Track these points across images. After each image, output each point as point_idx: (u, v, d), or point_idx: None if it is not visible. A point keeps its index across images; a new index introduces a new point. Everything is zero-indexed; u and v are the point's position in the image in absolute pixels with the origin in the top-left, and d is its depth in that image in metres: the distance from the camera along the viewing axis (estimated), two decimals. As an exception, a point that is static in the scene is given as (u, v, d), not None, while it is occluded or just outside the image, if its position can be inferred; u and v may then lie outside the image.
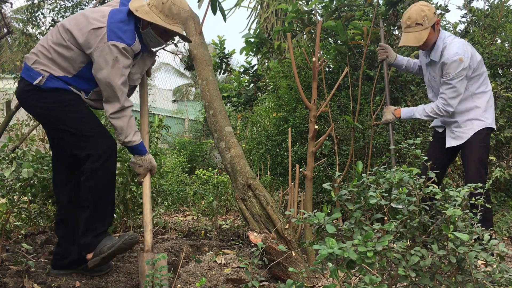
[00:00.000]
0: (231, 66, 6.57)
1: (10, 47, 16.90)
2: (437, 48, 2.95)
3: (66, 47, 2.27)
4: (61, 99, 2.27)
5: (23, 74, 2.32)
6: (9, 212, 2.62)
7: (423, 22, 2.86)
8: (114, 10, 2.32)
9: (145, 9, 2.31)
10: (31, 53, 2.33)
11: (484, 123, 2.96)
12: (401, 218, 1.75)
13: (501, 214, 4.41)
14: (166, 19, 2.31)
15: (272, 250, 2.47)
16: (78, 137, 2.29)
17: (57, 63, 2.28)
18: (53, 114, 2.29)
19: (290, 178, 3.03)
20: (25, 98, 2.33)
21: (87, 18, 2.28)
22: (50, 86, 2.25)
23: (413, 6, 2.91)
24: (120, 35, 2.23)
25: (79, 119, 2.29)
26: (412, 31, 2.90)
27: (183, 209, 5.16)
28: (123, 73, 2.26)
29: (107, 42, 2.20)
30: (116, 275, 2.52)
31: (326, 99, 3.04)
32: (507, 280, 1.61)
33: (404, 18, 2.94)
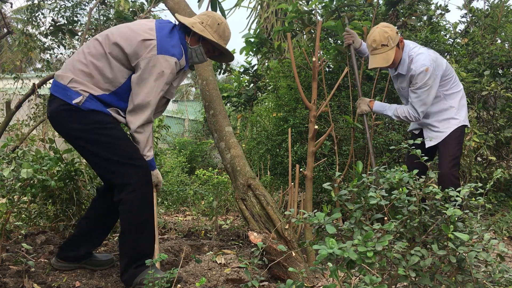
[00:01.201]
0: (231, 66, 6.57)
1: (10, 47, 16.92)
2: (403, 62, 3.06)
3: (107, 59, 2.21)
4: (98, 120, 2.21)
5: (56, 93, 2.22)
6: (9, 212, 2.62)
7: (388, 42, 2.96)
8: (160, 24, 2.31)
9: (199, 26, 2.37)
10: (66, 69, 2.24)
11: (459, 121, 3.13)
12: (401, 218, 1.75)
13: (501, 214, 4.41)
14: (219, 38, 2.41)
15: (272, 250, 2.47)
16: (112, 162, 2.22)
17: (96, 79, 2.22)
18: (88, 137, 2.21)
19: (290, 178, 3.03)
20: (61, 118, 2.22)
21: (133, 30, 2.25)
22: (88, 107, 2.18)
23: (376, 29, 3.00)
24: (170, 49, 2.23)
25: (114, 144, 2.23)
26: (379, 53, 2.99)
27: (183, 209, 5.16)
28: (163, 89, 2.24)
29: (157, 55, 2.19)
30: (116, 275, 2.52)
31: (326, 99, 3.04)
32: (507, 280, 1.61)
33: (369, 42, 3.02)
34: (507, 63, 4.67)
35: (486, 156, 4.83)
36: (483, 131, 4.64)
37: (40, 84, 4.64)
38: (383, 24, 3.05)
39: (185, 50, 2.36)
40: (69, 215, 3.14)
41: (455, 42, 5.39)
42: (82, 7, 5.49)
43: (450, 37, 5.48)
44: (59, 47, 5.64)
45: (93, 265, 2.55)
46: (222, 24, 2.41)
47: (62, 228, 3.13)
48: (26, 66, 17.60)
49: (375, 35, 2.98)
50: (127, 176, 2.21)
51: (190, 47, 2.40)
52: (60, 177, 3.05)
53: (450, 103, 3.12)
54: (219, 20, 2.41)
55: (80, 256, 2.49)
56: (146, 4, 4.95)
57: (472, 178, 4.53)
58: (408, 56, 3.03)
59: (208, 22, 2.39)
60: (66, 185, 3.11)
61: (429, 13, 5.08)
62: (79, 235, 2.49)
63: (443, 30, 5.33)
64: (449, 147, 3.07)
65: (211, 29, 2.38)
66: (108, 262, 2.59)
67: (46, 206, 3.26)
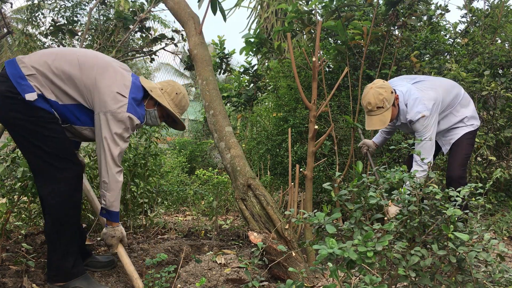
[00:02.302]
0: (231, 66, 6.57)
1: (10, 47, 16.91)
2: (402, 112, 3.02)
3: (74, 81, 2.21)
4: (42, 115, 2.17)
5: (11, 76, 2.14)
6: (9, 212, 2.62)
7: (383, 104, 2.91)
8: (134, 86, 2.37)
9: (157, 92, 2.48)
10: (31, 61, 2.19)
11: (474, 125, 3.13)
12: (401, 218, 1.75)
13: (501, 214, 4.41)
14: (174, 107, 2.52)
15: (272, 250, 2.47)
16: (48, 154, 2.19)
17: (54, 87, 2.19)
18: (28, 127, 2.16)
19: (290, 178, 3.03)
20: (3, 104, 2.15)
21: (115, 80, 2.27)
22: (37, 104, 2.14)
23: (370, 90, 2.93)
24: (137, 112, 2.32)
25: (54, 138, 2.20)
26: (375, 115, 2.94)
27: (183, 209, 5.16)
28: (126, 141, 2.28)
29: (126, 113, 2.24)
30: (116, 275, 2.52)
31: (326, 99, 3.04)
32: (507, 280, 1.61)
33: (364, 103, 2.97)
34: (507, 63, 4.67)
35: (486, 156, 4.83)
36: (483, 131, 4.64)
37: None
38: (377, 84, 2.96)
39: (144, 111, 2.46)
40: (69, 215, 3.14)
41: (455, 42, 5.39)
42: (82, 7, 5.48)
43: (450, 37, 5.48)
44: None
45: (94, 267, 2.55)
46: (180, 94, 2.53)
47: (62, 228, 3.12)
48: (26, 66, 17.52)
49: (369, 98, 2.91)
50: (64, 169, 2.20)
51: (146, 109, 2.49)
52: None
53: (462, 113, 3.11)
54: (177, 90, 2.53)
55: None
56: (146, 4, 4.95)
57: (472, 178, 4.53)
58: (405, 104, 3.00)
59: (167, 90, 2.51)
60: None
61: (429, 13, 5.08)
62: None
63: (443, 30, 5.33)
64: (462, 147, 3.06)
65: (168, 97, 2.50)
66: (109, 264, 2.60)
67: (46, 206, 3.26)
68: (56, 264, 2.24)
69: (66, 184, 2.21)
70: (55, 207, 2.20)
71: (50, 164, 2.19)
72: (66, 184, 2.21)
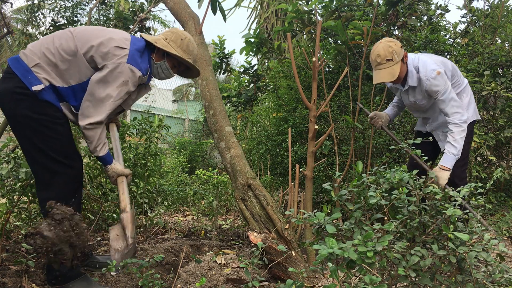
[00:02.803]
0: (231, 66, 6.57)
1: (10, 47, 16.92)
2: (411, 74, 2.98)
3: (76, 55, 2.23)
4: (49, 113, 2.20)
5: (17, 71, 2.17)
6: (9, 212, 2.62)
7: (393, 57, 2.88)
8: (135, 38, 2.39)
9: (163, 42, 2.45)
10: (31, 52, 2.21)
11: (469, 118, 3.06)
12: (401, 218, 1.75)
13: (501, 214, 4.41)
14: (183, 53, 2.49)
15: (272, 250, 2.47)
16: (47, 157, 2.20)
17: (59, 69, 2.22)
18: (33, 125, 2.18)
19: (290, 178, 3.03)
20: (12, 100, 2.17)
21: (110, 34, 2.30)
22: (45, 98, 2.18)
23: (379, 44, 2.92)
24: (139, 63, 2.31)
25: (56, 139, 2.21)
26: (384, 68, 2.91)
27: (183, 209, 5.16)
28: (122, 97, 2.30)
29: (126, 64, 2.24)
30: (116, 275, 2.52)
31: (326, 99, 3.04)
32: (507, 280, 1.61)
33: (373, 57, 2.94)
34: (507, 63, 4.67)
35: (486, 156, 4.83)
36: (483, 131, 4.64)
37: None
38: (387, 39, 2.97)
39: (150, 67, 2.46)
40: (69, 215, 3.14)
41: (455, 42, 5.39)
42: (82, 7, 5.49)
43: (450, 37, 5.48)
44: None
45: (94, 267, 2.55)
46: (185, 39, 2.50)
47: (62, 228, 3.12)
48: (26, 66, 17.54)
49: (379, 50, 2.90)
50: (55, 173, 2.20)
51: (156, 63, 2.49)
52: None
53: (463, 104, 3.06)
54: (182, 36, 2.50)
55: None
56: (146, 4, 4.95)
57: (472, 178, 4.53)
58: (414, 67, 2.97)
59: (172, 38, 2.49)
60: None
61: (429, 13, 5.08)
62: None
63: (443, 30, 5.33)
64: None
65: (174, 44, 2.48)
66: (108, 264, 2.59)
67: (46, 206, 3.26)
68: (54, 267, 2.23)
69: (57, 191, 2.19)
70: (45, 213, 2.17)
71: (44, 166, 2.20)
72: (57, 191, 2.19)
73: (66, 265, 2.21)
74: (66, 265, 2.21)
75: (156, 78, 2.58)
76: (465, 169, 3.07)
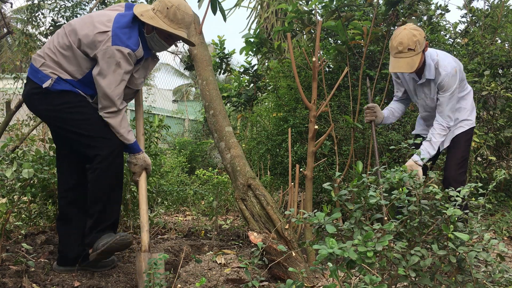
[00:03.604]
0: (231, 66, 6.56)
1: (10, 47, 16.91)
2: (429, 67, 2.88)
3: (72, 49, 2.29)
4: (68, 100, 2.31)
5: (30, 75, 2.33)
6: (9, 212, 2.62)
7: (415, 47, 2.75)
8: (120, 15, 2.34)
9: (149, 14, 2.34)
10: (38, 55, 2.35)
11: (472, 123, 3.07)
12: (401, 218, 1.75)
13: (501, 214, 4.41)
14: (171, 24, 2.35)
15: (272, 250, 2.47)
16: (85, 137, 2.33)
17: (63, 67, 2.31)
18: (60, 116, 2.32)
19: (290, 178, 3.03)
20: (33, 100, 2.35)
21: (93, 21, 2.29)
22: (58, 88, 2.28)
23: (403, 31, 2.78)
24: (125, 41, 2.26)
25: (86, 120, 2.32)
26: (404, 57, 2.77)
27: (183, 209, 5.15)
28: (123, 78, 2.30)
29: (112, 46, 2.22)
30: (116, 275, 2.52)
31: (326, 99, 3.04)
32: (507, 280, 1.61)
33: (394, 43, 2.78)
34: (507, 63, 4.67)
35: (486, 156, 4.83)
36: (483, 131, 4.64)
37: (40, 84, 4.62)
38: (411, 26, 2.80)
39: (144, 40, 2.39)
40: (69, 215, 3.14)
41: (455, 42, 5.39)
42: (82, 7, 5.48)
43: (450, 37, 5.48)
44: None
45: (94, 267, 2.54)
46: (172, 8, 2.33)
47: (62, 228, 3.12)
48: (26, 66, 17.59)
49: (402, 37, 2.74)
50: (98, 148, 2.31)
51: (146, 35, 2.40)
52: (60, 177, 3.04)
53: (462, 105, 3.05)
54: (168, 4, 2.33)
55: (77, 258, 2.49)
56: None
57: (472, 178, 4.53)
58: (432, 60, 2.87)
59: (159, 8, 2.35)
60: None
61: (429, 13, 5.08)
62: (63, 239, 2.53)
63: (443, 30, 5.33)
64: (458, 149, 3.00)
65: (161, 15, 2.34)
66: (109, 263, 2.59)
67: (46, 206, 3.26)
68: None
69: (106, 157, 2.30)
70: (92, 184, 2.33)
71: (89, 146, 2.32)
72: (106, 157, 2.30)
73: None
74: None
75: (153, 50, 2.49)
76: (463, 172, 3.02)
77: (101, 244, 2.28)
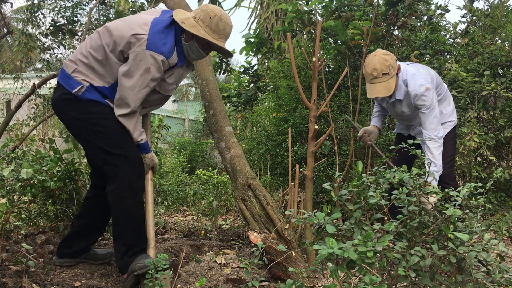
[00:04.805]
0: (231, 66, 6.57)
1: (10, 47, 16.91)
2: (399, 87, 2.97)
3: (105, 52, 2.26)
4: (96, 111, 2.27)
5: (61, 81, 2.30)
6: (9, 212, 2.62)
7: (389, 71, 2.85)
8: (156, 20, 2.30)
9: (191, 22, 2.31)
10: (69, 60, 2.32)
11: (454, 122, 3.15)
12: (401, 218, 1.75)
13: (501, 214, 4.41)
14: (212, 33, 2.33)
15: (272, 250, 2.47)
16: (106, 153, 2.28)
17: (96, 71, 2.27)
18: (84, 126, 2.29)
19: (290, 178, 3.03)
20: (62, 106, 2.32)
21: (129, 23, 2.27)
22: (88, 97, 2.25)
23: (374, 57, 2.88)
24: (160, 46, 2.21)
25: (109, 134, 2.28)
26: (379, 82, 2.88)
27: (183, 209, 5.15)
28: (148, 85, 2.25)
29: (146, 51, 2.18)
30: (116, 275, 2.52)
31: (326, 99, 3.04)
32: (507, 280, 1.61)
33: (368, 70, 2.89)
34: (507, 63, 4.67)
35: (486, 156, 4.83)
36: (483, 131, 4.64)
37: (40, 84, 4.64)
38: (381, 51, 2.93)
39: (180, 47, 2.35)
40: (69, 215, 3.14)
41: (455, 42, 5.39)
42: (82, 7, 5.49)
43: (450, 37, 5.48)
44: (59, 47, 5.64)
45: (93, 259, 2.61)
46: (214, 18, 2.31)
47: (62, 228, 3.13)
48: (26, 66, 17.60)
49: (375, 64, 2.86)
50: (117, 166, 2.27)
51: (185, 43, 2.36)
52: (60, 177, 3.05)
53: (442, 109, 3.11)
54: (211, 14, 2.32)
55: (78, 251, 2.57)
56: (146, 4, 4.95)
57: (472, 178, 4.53)
58: (403, 81, 2.96)
59: (201, 17, 2.32)
60: (66, 185, 3.11)
61: (429, 13, 5.08)
62: (73, 234, 2.58)
63: (443, 30, 5.33)
64: (445, 149, 3.04)
65: (203, 24, 2.32)
66: (107, 256, 2.65)
67: (46, 206, 3.26)
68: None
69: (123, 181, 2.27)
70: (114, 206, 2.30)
71: (106, 161, 2.30)
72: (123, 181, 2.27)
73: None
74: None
75: (188, 58, 2.44)
76: (453, 167, 3.12)
77: (137, 266, 2.20)
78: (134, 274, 2.20)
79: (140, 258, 2.23)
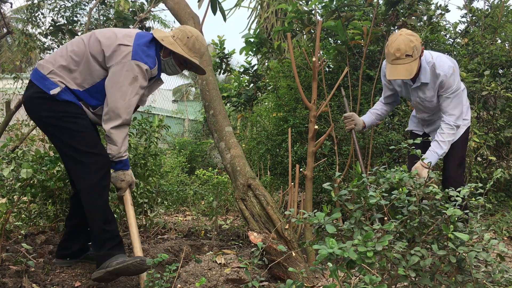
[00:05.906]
0: (231, 66, 6.57)
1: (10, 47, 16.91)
2: (424, 70, 2.83)
3: (88, 58, 2.34)
4: (69, 110, 2.33)
5: (35, 81, 2.34)
6: (9, 212, 2.62)
7: (413, 53, 2.69)
8: (140, 34, 2.46)
9: (169, 40, 2.50)
10: (45, 61, 2.37)
11: (468, 122, 3.04)
12: (401, 218, 1.75)
13: (501, 214, 4.41)
14: (188, 51, 2.53)
15: (272, 250, 2.46)
16: (74, 150, 2.33)
17: (73, 75, 2.34)
18: (57, 124, 2.33)
19: (290, 178, 3.02)
20: (35, 105, 2.36)
21: (115, 33, 2.39)
22: (63, 98, 2.31)
23: (399, 36, 2.72)
24: (144, 58, 2.36)
25: (79, 132, 2.33)
26: (401, 63, 2.71)
27: (183, 209, 5.15)
28: (138, 92, 2.35)
29: (131, 61, 2.31)
30: (116, 275, 2.52)
31: (326, 99, 3.04)
32: (507, 280, 1.61)
33: (391, 50, 2.72)
34: (507, 63, 4.67)
35: (486, 156, 4.83)
36: (483, 131, 4.64)
37: (40, 84, 4.62)
38: (407, 31, 2.74)
39: (159, 62, 2.51)
40: (69, 215, 3.14)
41: (455, 42, 5.39)
42: (82, 7, 5.48)
43: (450, 37, 5.48)
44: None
45: (91, 259, 2.62)
46: (192, 38, 2.53)
47: (62, 228, 3.13)
48: (26, 66, 17.60)
49: (399, 43, 2.68)
50: (84, 165, 2.31)
51: (163, 59, 2.54)
52: (60, 177, 3.05)
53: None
54: (189, 34, 2.53)
55: (76, 251, 2.60)
56: (146, 4, 4.95)
57: (472, 178, 4.53)
58: (427, 62, 2.82)
59: (179, 36, 2.53)
60: (66, 185, 3.11)
61: (429, 13, 5.08)
62: (68, 235, 2.61)
63: (443, 30, 5.33)
64: (457, 149, 2.96)
65: (181, 42, 2.52)
66: None
67: (46, 206, 3.26)
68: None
69: (89, 180, 2.31)
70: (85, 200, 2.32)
71: (74, 160, 2.33)
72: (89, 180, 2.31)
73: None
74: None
75: (164, 73, 2.64)
76: (462, 171, 3.00)
77: (115, 263, 2.22)
78: (107, 270, 2.22)
79: (120, 256, 2.27)
